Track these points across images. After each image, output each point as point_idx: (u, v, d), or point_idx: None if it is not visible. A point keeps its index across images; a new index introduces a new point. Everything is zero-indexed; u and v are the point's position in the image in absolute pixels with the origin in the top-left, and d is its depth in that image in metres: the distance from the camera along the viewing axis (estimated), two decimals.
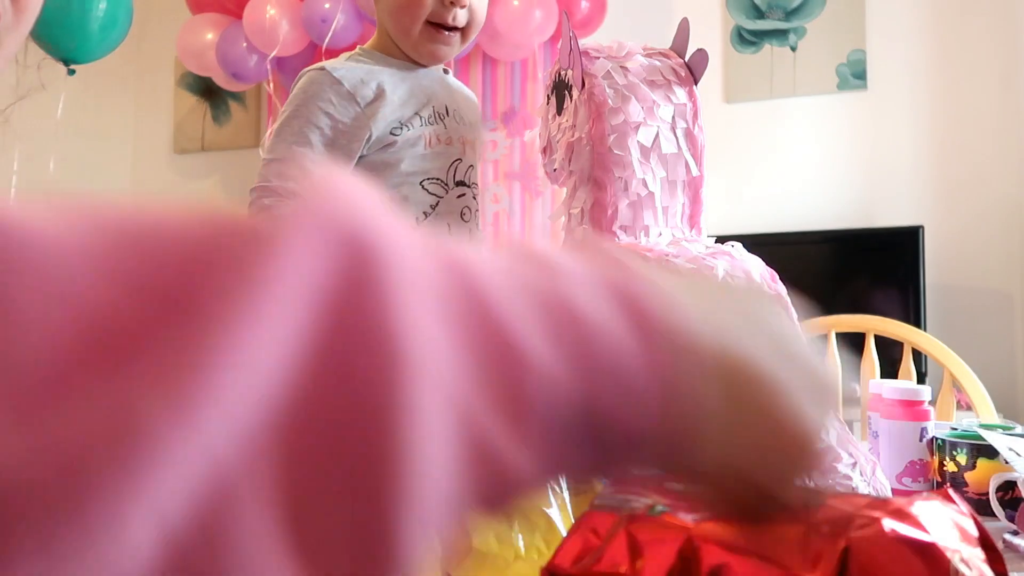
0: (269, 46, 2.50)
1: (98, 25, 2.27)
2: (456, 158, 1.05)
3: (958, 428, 0.89)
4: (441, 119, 1.04)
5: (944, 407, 1.37)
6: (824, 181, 2.64)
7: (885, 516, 0.28)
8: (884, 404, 0.89)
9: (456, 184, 1.05)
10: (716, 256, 0.76)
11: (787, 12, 2.70)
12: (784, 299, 0.77)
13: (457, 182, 1.05)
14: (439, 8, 0.98)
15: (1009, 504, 0.74)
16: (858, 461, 0.70)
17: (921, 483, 0.85)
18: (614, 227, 0.82)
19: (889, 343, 1.51)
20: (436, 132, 1.03)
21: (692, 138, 0.85)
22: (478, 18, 1.02)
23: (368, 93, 0.98)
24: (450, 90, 1.09)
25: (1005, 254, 2.45)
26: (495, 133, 2.64)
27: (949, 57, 2.54)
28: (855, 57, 2.62)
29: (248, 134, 3.37)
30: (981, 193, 2.48)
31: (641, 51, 0.87)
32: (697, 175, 0.86)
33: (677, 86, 0.85)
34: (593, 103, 0.82)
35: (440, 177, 1.04)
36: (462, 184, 1.06)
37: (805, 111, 2.68)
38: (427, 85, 1.05)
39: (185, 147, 3.50)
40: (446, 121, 1.05)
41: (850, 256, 2.50)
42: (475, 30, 1.03)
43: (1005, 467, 0.76)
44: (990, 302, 2.45)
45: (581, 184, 0.86)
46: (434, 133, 1.03)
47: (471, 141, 1.08)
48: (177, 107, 3.52)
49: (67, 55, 2.29)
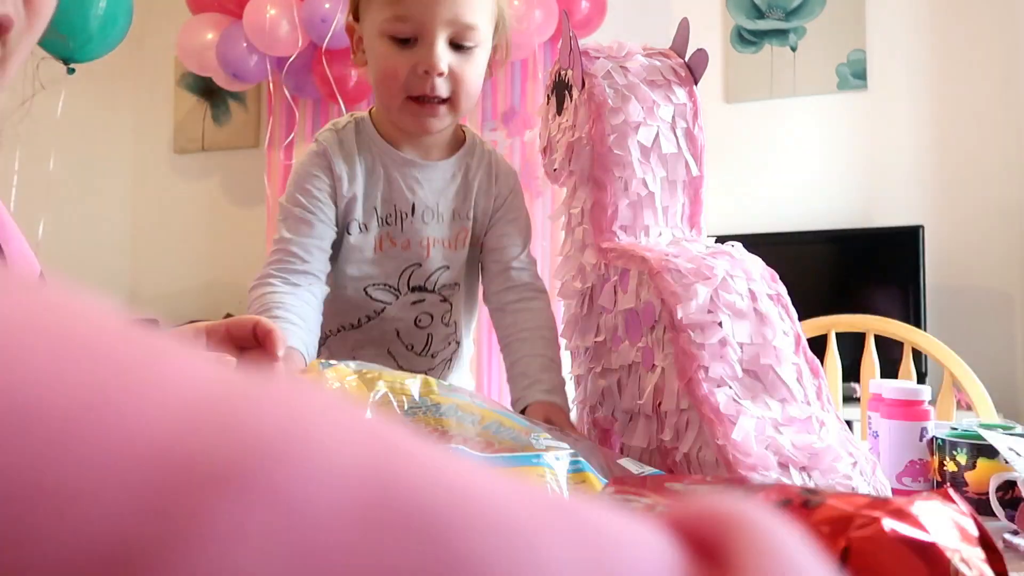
0: (269, 46, 2.50)
1: (98, 24, 2.27)
2: (413, 263, 0.98)
3: (958, 428, 0.89)
4: (400, 220, 0.97)
5: (944, 407, 1.37)
6: (824, 181, 2.64)
7: (885, 516, 0.28)
8: (884, 404, 0.89)
9: (410, 290, 0.99)
10: (716, 256, 0.77)
11: (787, 12, 2.70)
12: (784, 299, 0.77)
13: (413, 287, 0.99)
14: (415, 80, 0.90)
15: (1009, 504, 0.74)
16: (858, 461, 0.70)
17: (921, 483, 0.85)
18: (614, 227, 0.83)
19: (889, 343, 1.51)
20: (390, 233, 0.97)
21: (692, 138, 0.85)
22: (467, 88, 0.92)
23: (350, 176, 0.96)
24: (441, 184, 0.99)
25: (1005, 254, 2.45)
26: (495, 133, 2.64)
27: (949, 57, 2.54)
28: (855, 57, 2.62)
29: (248, 134, 3.37)
30: (981, 193, 2.48)
31: (641, 51, 0.87)
32: (697, 175, 0.86)
33: (677, 86, 0.85)
34: (593, 103, 0.82)
35: (388, 283, 0.99)
36: (420, 289, 0.99)
37: (805, 111, 2.68)
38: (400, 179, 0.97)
39: (185, 147, 3.50)
40: (406, 223, 0.97)
41: (850, 256, 2.50)
42: (465, 99, 0.93)
43: (1005, 467, 0.76)
44: (990, 302, 2.45)
45: (581, 184, 0.86)
46: (387, 234, 0.97)
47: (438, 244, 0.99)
48: (177, 107, 3.52)
49: (67, 54, 2.29)
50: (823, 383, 0.75)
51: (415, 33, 0.88)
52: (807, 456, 0.68)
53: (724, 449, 0.66)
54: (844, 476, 0.68)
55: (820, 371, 0.75)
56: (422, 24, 0.88)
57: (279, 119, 2.94)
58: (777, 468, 0.66)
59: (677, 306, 0.71)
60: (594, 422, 0.86)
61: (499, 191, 1.03)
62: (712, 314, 0.71)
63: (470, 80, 0.92)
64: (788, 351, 0.73)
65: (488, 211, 1.03)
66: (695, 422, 0.69)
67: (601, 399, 0.84)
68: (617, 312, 0.80)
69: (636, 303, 0.77)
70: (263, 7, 2.47)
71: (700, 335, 0.70)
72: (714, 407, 0.68)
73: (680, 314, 0.71)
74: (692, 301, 0.71)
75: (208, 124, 3.46)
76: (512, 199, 1.04)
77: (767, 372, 0.71)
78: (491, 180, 1.03)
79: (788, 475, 0.66)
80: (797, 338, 0.75)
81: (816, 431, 0.70)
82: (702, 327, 0.71)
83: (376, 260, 0.98)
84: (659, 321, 0.73)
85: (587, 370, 0.87)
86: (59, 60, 2.30)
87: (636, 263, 0.77)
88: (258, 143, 3.32)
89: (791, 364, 0.73)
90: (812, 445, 0.68)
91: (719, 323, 0.71)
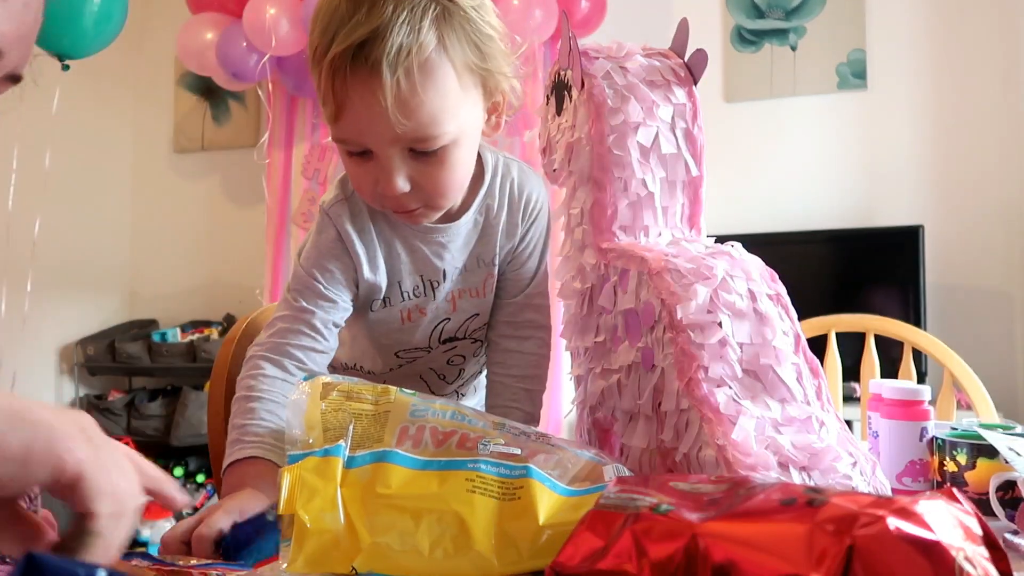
0: (269, 46, 2.51)
1: (92, 20, 2.26)
2: (442, 320, 0.93)
3: (958, 428, 0.89)
4: (431, 289, 0.91)
5: (944, 407, 1.37)
6: (824, 181, 2.64)
7: (890, 515, 0.28)
8: (884, 404, 0.89)
9: (441, 343, 0.96)
10: (716, 256, 0.76)
11: (787, 12, 2.70)
12: (784, 299, 0.77)
13: (443, 340, 0.95)
14: (379, 197, 0.80)
15: (1009, 504, 0.74)
16: (858, 461, 0.70)
17: (921, 483, 0.85)
18: (614, 227, 0.82)
19: (889, 343, 1.51)
20: (419, 305, 0.91)
21: (692, 138, 0.85)
22: (443, 190, 0.80)
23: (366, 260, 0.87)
24: (470, 237, 0.92)
25: (1005, 254, 2.45)
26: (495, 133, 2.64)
27: (949, 57, 2.54)
28: (855, 57, 2.62)
29: (248, 134, 3.37)
30: (981, 193, 2.48)
31: (641, 51, 0.87)
32: (697, 175, 0.86)
33: (677, 86, 0.85)
34: (593, 103, 0.82)
35: (417, 346, 0.95)
36: (451, 340, 0.96)
37: (805, 111, 2.68)
38: (424, 249, 0.89)
39: (185, 147, 3.50)
40: (439, 290, 0.91)
41: (850, 256, 2.50)
42: (444, 198, 0.82)
43: (1005, 467, 0.76)
44: (990, 302, 2.45)
45: (581, 184, 0.86)
46: (416, 307, 0.91)
47: (467, 298, 0.94)
48: (177, 107, 3.51)
49: (61, 50, 2.28)
50: (823, 383, 0.75)
51: (365, 148, 0.77)
52: (807, 456, 0.68)
53: (724, 449, 0.66)
54: (844, 476, 0.68)
55: (820, 371, 0.75)
56: (366, 143, 0.76)
57: (279, 119, 2.94)
58: (777, 468, 0.66)
59: (677, 306, 0.71)
60: (594, 422, 0.86)
61: (524, 227, 0.96)
62: (712, 314, 0.71)
63: (444, 182, 0.80)
64: (788, 351, 0.73)
65: (513, 248, 0.96)
66: (695, 422, 0.69)
67: (601, 399, 0.84)
68: (617, 312, 0.80)
69: (636, 303, 0.77)
70: (263, 7, 2.47)
71: (700, 335, 0.70)
72: (714, 407, 0.68)
73: (680, 314, 0.71)
74: (692, 301, 0.71)
75: (208, 124, 3.46)
76: (533, 227, 0.97)
77: (767, 372, 0.71)
78: (514, 218, 0.95)
79: (788, 475, 0.66)
80: (797, 338, 0.75)
81: (816, 431, 0.70)
82: (702, 327, 0.71)
83: (404, 329, 0.93)
84: (659, 321, 0.73)
85: (587, 370, 0.87)
86: (53, 56, 2.30)
87: (636, 263, 0.77)
88: (258, 143, 3.32)
89: (791, 364, 0.73)
90: (812, 445, 0.68)
91: (719, 323, 0.71)
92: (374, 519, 0.57)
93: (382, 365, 0.98)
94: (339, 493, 0.58)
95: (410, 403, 0.67)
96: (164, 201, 3.55)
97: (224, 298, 3.36)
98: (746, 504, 0.36)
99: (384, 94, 0.71)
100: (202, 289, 3.44)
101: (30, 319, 2.57)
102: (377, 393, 0.68)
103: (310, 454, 0.60)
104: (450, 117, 0.76)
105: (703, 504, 0.37)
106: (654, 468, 0.75)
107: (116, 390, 3.37)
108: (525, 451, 0.64)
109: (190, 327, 3.32)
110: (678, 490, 0.34)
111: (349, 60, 0.71)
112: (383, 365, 0.98)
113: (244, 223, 3.32)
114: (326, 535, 0.56)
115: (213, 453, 1.02)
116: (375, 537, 0.56)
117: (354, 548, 0.56)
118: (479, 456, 0.61)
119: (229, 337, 1.10)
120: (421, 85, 0.72)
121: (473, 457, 0.61)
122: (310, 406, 0.65)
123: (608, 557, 0.31)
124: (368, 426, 0.65)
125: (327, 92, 0.74)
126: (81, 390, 3.33)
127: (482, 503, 0.57)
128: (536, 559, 0.54)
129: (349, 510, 0.57)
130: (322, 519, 0.56)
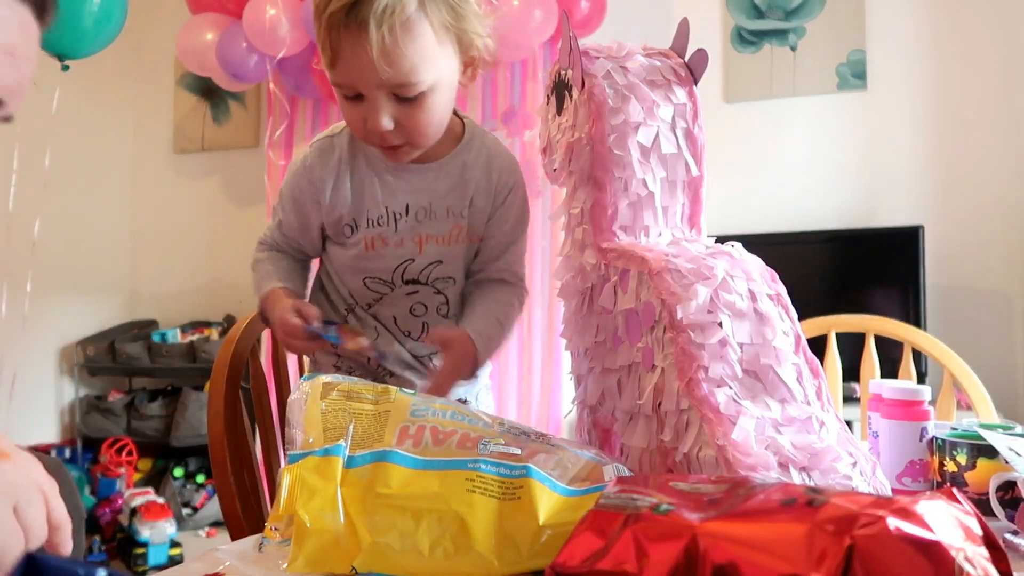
0: (269, 46, 2.50)
1: (92, 20, 2.26)
2: (407, 259, 1.02)
3: (958, 428, 0.89)
4: (394, 220, 1.00)
5: (944, 407, 1.37)
6: (824, 181, 2.64)
7: (889, 515, 0.28)
8: (884, 404, 0.89)
9: (404, 283, 1.03)
10: (716, 256, 0.76)
11: (787, 12, 2.70)
12: (784, 299, 0.77)
13: (407, 280, 1.03)
14: (367, 133, 0.92)
15: (1009, 504, 0.74)
16: (858, 461, 0.70)
17: (921, 483, 0.85)
18: (614, 227, 0.82)
19: (889, 343, 1.51)
20: (383, 234, 1.01)
21: (692, 138, 0.85)
22: (423, 129, 0.92)
23: (327, 186, 1.00)
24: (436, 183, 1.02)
25: (1005, 254, 2.45)
26: (495, 133, 2.64)
27: (949, 57, 2.54)
28: (855, 57, 2.62)
29: (248, 134, 3.37)
30: (981, 193, 2.48)
31: (641, 51, 0.87)
32: (697, 175, 0.86)
33: (677, 86, 0.85)
34: (593, 103, 0.82)
35: (382, 277, 1.03)
36: (414, 283, 1.03)
37: (805, 111, 2.68)
38: (393, 181, 1.01)
39: (185, 147, 3.50)
40: (401, 223, 1.00)
41: (850, 256, 2.50)
42: (423, 137, 0.94)
43: (1005, 467, 0.76)
44: (990, 302, 2.45)
45: (581, 184, 0.86)
46: (380, 235, 1.01)
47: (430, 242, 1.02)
48: (177, 107, 3.51)
49: (61, 50, 2.28)
50: (823, 383, 0.75)
51: (356, 92, 0.89)
52: (807, 456, 0.68)
53: (724, 449, 0.66)
54: (844, 476, 0.68)
55: (820, 371, 0.75)
56: (357, 87, 0.89)
57: (279, 119, 2.94)
58: (777, 468, 0.66)
59: (677, 306, 0.71)
60: (594, 422, 0.86)
61: (498, 190, 1.04)
62: (712, 314, 0.71)
63: (423, 123, 0.92)
64: (788, 351, 0.73)
65: (486, 209, 1.04)
66: (695, 422, 0.69)
67: (601, 399, 0.84)
68: (617, 312, 0.80)
69: (636, 303, 0.77)
70: (263, 7, 2.47)
71: (700, 335, 0.70)
72: (714, 407, 0.68)
73: (680, 314, 0.71)
74: (692, 301, 0.71)
75: (208, 124, 3.46)
76: (511, 197, 1.05)
77: (767, 372, 0.71)
78: (489, 178, 1.03)
79: (788, 475, 0.66)
80: (797, 338, 0.75)
81: (816, 431, 0.70)
82: (702, 327, 0.71)
83: (369, 257, 1.02)
84: (659, 321, 0.73)
85: (587, 370, 0.87)
86: (53, 56, 2.30)
87: (636, 263, 0.77)
88: (258, 143, 3.32)
89: (791, 364, 0.73)
90: (812, 445, 0.68)
91: (719, 323, 0.71)
92: (374, 519, 0.57)
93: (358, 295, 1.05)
94: (339, 493, 0.58)
95: (410, 403, 0.67)
96: (164, 201, 3.55)
97: (224, 298, 3.36)
98: (746, 504, 0.36)
99: (371, 46, 0.84)
100: (202, 289, 3.44)
101: (30, 319, 2.57)
102: (377, 393, 0.68)
103: (310, 454, 0.60)
104: (428, 67, 0.88)
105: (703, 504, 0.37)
106: (654, 468, 0.75)
107: (116, 390, 3.37)
108: (525, 451, 0.64)
109: (190, 327, 3.32)
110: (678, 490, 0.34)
111: (343, 17, 0.84)
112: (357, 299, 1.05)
113: (244, 223, 3.32)
114: (326, 535, 0.56)
115: (213, 454, 1.02)
116: (375, 537, 0.56)
117: (354, 548, 0.56)
118: (479, 456, 0.62)
119: (229, 337, 1.10)
120: (402, 39, 0.85)
121: (473, 457, 0.61)
122: (310, 406, 0.65)
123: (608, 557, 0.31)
124: (368, 426, 0.65)
125: (324, 43, 0.88)
126: (81, 390, 3.33)
127: (482, 503, 0.57)
128: (536, 559, 0.54)
129: (349, 510, 0.57)
130: (322, 519, 0.56)
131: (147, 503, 2.56)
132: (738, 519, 0.32)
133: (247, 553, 0.65)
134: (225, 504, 1.00)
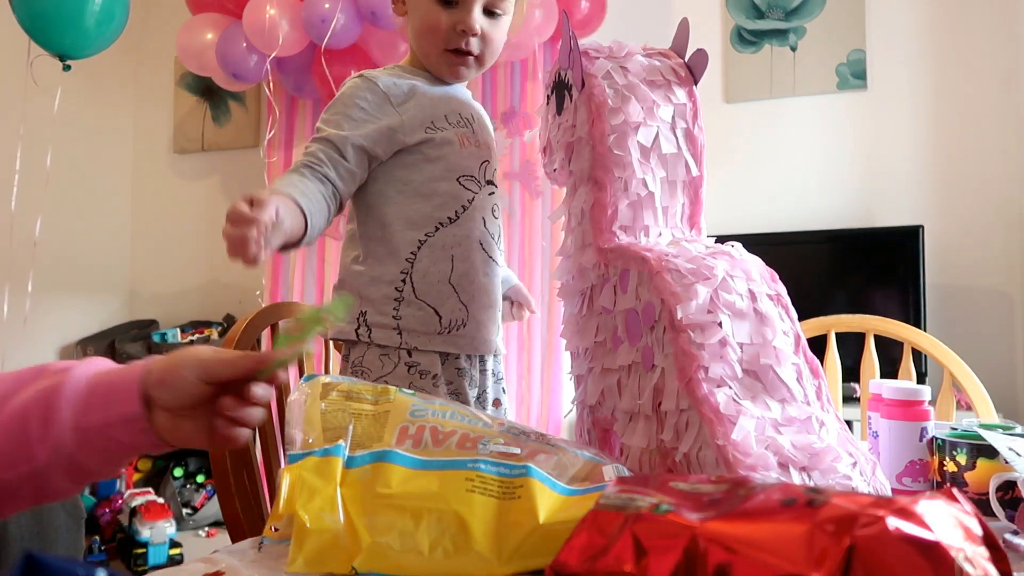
0: (269, 46, 2.50)
1: (94, 20, 2.26)
2: (485, 159, 1.13)
3: (958, 428, 0.89)
4: (468, 123, 1.13)
5: (944, 407, 1.37)
6: (824, 181, 2.64)
7: (890, 515, 0.28)
8: (884, 404, 0.89)
9: (486, 183, 1.13)
10: (716, 256, 0.76)
11: (787, 12, 2.70)
12: (784, 299, 0.77)
13: (487, 180, 1.13)
14: (454, 36, 1.06)
15: (1009, 504, 0.74)
16: (858, 461, 0.70)
17: (921, 483, 0.85)
18: (614, 227, 0.82)
19: (889, 343, 1.51)
20: (466, 134, 1.12)
21: (692, 138, 0.85)
22: (494, 47, 1.10)
23: (399, 93, 1.08)
24: (471, 102, 1.19)
25: (1005, 254, 2.45)
26: (495, 133, 2.64)
27: (949, 57, 2.54)
28: (855, 57, 2.62)
29: (248, 134, 3.37)
30: (981, 193, 2.48)
31: (641, 51, 0.87)
32: (697, 175, 0.86)
33: (677, 86, 0.85)
34: (593, 103, 0.82)
35: (473, 175, 1.11)
36: (491, 183, 1.14)
37: (805, 111, 2.68)
38: (453, 95, 1.14)
39: (185, 147, 3.50)
40: (473, 125, 1.14)
41: (850, 256, 2.50)
42: (491, 57, 1.12)
43: (1005, 467, 0.76)
44: (990, 302, 2.45)
45: (581, 184, 0.86)
46: (464, 135, 1.12)
47: (493, 148, 1.17)
48: (177, 107, 3.51)
49: (62, 50, 2.28)
50: (823, 383, 0.75)
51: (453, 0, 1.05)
52: (807, 456, 0.68)
53: (724, 449, 0.66)
54: (844, 476, 0.68)
55: (820, 371, 0.75)
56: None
57: (279, 119, 2.94)
58: (777, 468, 0.66)
59: (677, 306, 0.71)
60: (594, 422, 0.86)
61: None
62: (712, 314, 0.71)
63: (497, 41, 1.11)
64: (788, 351, 0.73)
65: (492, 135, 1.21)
66: (695, 422, 0.69)
67: (601, 399, 0.84)
68: (617, 312, 0.80)
69: (636, 303, 0.77)
70: (263, 7, 2.47)
71: (700, 335, 0.70)
72: (714, 407, 0.68)
73: (680, 314, 0.71)
74: (692, 301, 0.71)
75: (208, 124, 3.46)
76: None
77: (767, 372, 0.71)
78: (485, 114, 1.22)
79: (788, 475, 0.66)
80: (797, 338, 0.75)
81: (816, 431, 0.70)
82: (702, 327, 0.71)
83: (464, 155, 1.11)
84: (659, 321, 0.73)
85: (587, 370, 0.87)
86: (55, 57, 2.30)
87: (636, 263, 0.77)
88: (258, 143, 3.31)
89: (791, 364, 0.73)
90: (812, 445, 0.68)
91: (719, 323, 0.71)
92: (374, 519, 0.57)
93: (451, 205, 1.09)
94: (339, 493, 0.58)
95: (410, 403, 0.67)
96: (164, 201, 3.55)
97: (224, 298, 3.36)
98: (746, 504, 0.36)
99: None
100: (202, 289, 3.44)
101: (30, 319, 2.57)
102: (377, 393, 0.68)
103: (310, 454, 0.60)
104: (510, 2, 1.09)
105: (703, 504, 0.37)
106: (654, 468, 0.75)
107: None
108: (525, 451, 0.64)
109: (190, 327, 3.32)
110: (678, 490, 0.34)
111: None
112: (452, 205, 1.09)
113: None
114: (326, 535, 0.56)
115: (213, 454, 1.02)
116: (375, 537, 0.56)
117: (354, 548, 0.56)
118: (479, 455, 0.62)
119: (229, 337, 1.10)
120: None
121: (473, 457, 0.61)
122: (310, 406, 0.65)
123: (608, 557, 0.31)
124: (368, 426, 0.65)
125: None
126: None
127: (482, 503, 0.57)
128: (536, 559, 0.54)
129: (349, 510, 0.57)
130: (322, 519, 0.56)
131: (147, 503, 2.55)
132: (738, 519, 0.32)
133: (247, 553, 0.65)
134: (225, 504, 1.00)
